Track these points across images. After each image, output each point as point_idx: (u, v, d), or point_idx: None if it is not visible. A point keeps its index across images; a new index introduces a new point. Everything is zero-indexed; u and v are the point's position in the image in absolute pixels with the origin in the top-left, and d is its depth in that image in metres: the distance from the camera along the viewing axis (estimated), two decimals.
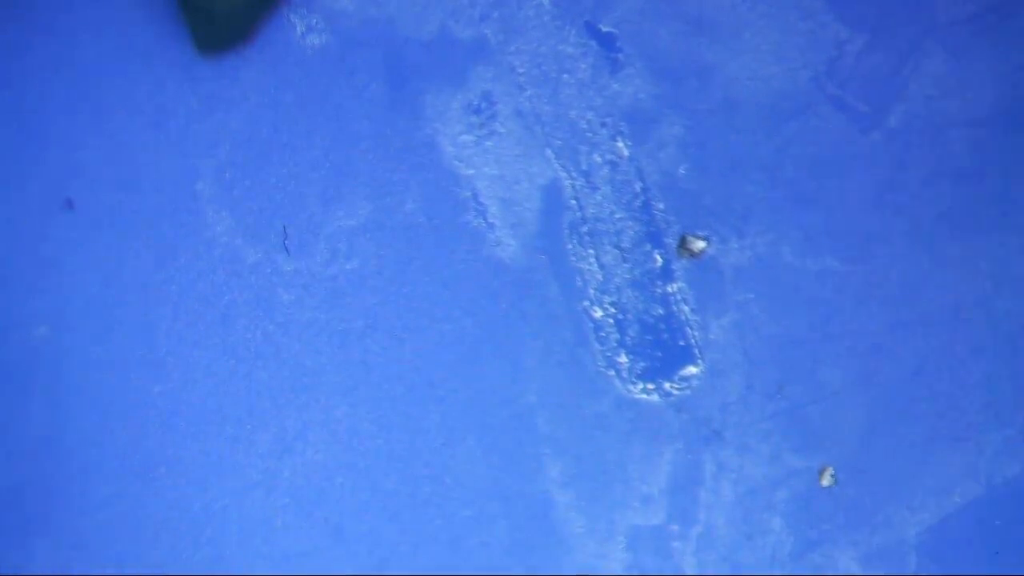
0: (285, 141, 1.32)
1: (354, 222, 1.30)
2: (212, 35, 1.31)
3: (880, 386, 1.24)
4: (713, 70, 1.27)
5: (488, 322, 1.28)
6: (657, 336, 1.26)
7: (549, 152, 1.29)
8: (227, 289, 1.32)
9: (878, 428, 1.23)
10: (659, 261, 1.27)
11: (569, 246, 1.28)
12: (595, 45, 1.28)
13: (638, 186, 1.27)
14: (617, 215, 1.27)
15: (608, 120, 1.28)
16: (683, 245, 1.26)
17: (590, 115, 1.28)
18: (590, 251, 1.28)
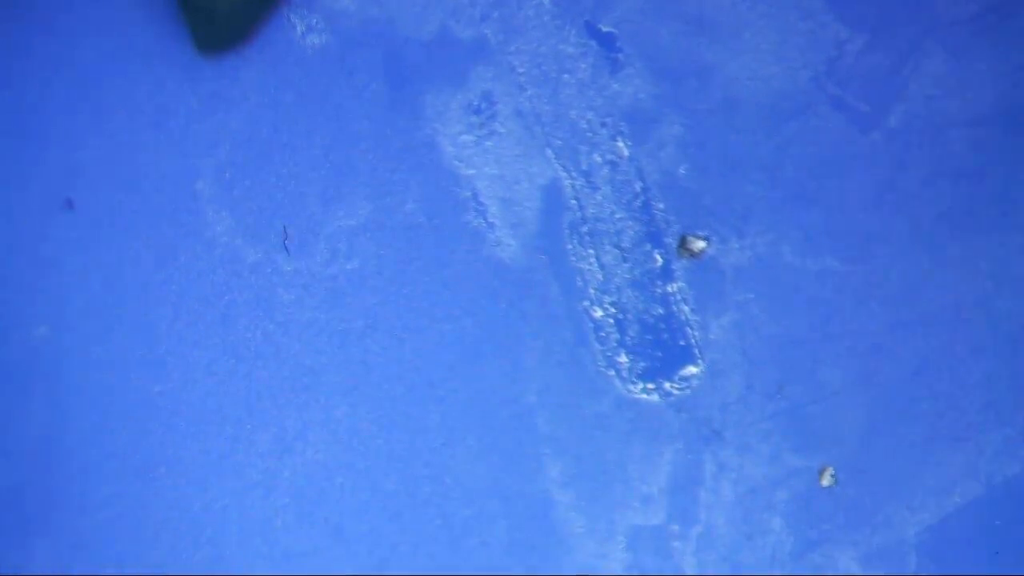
0: (285, 141, 1.32)
1: (354, 222, 1.30)
2: (212, 35, 1.31)
3: (880, 386, 1.24)
4: (713, 70, 1.27)
5: (488, 322, 1.28)
6: (657, 336, 1.26)
7: (549, 152, 1.29)
8: (227, 289, 1.32)
9: (878, 428, 1.23)
10: (659, 261, 1.27)
11: (569, 246, 1.28)
12: (595, 45, 1.28)
13: (638, 186, 1.27)
14: (617, 215, 1.27)
15: (608, 120, 1.28)
16: (683, 245, 1.26)
17: (590, 115, 1.28)
18: (590, 251, 1.28)
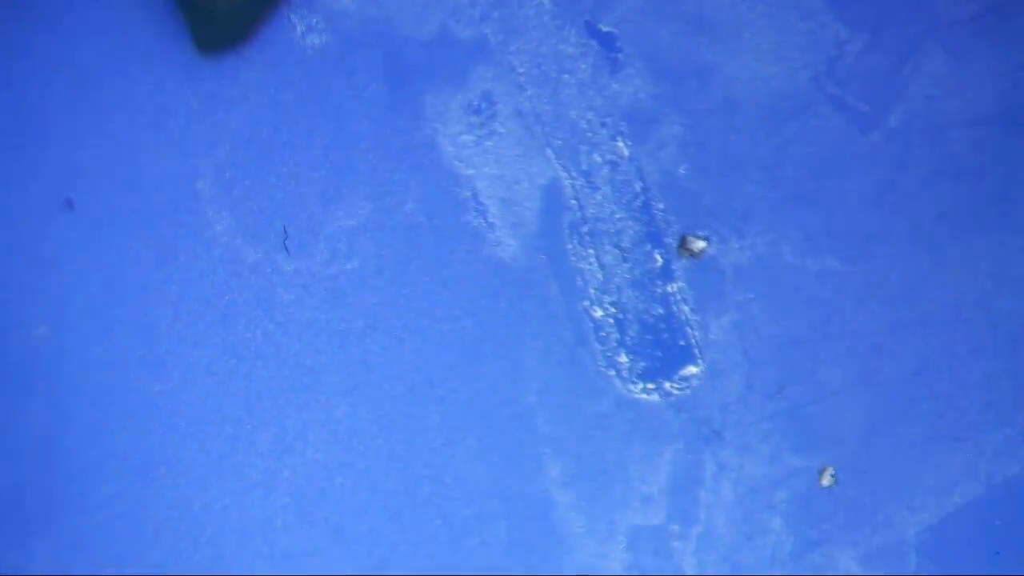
0: (285, 141, 1.32)
1: (354, 222, 1.30)
2: (212, 35, 1.31)
3: (880, 386, 1.24)
4: (713, 70, 1.26)
5: (488, 322, 1.28)
6: (657, 336, 1.26)
7: (549, 152, 1.29)
8: (227, 289, 1.32)
9: (878, 428, 1.23)
10: (659, 261, 1.27)
11: (569, 246, 1.28)
12: (595, 45, 1.28)
13: (638, 186, 1.27)
14: (617, 215, 1.27)
15: (608, 120, 1.28)
16: (683, 245, 1.26)
17: (590, 115, 1.28)
18: (590, 251, 1.28)
